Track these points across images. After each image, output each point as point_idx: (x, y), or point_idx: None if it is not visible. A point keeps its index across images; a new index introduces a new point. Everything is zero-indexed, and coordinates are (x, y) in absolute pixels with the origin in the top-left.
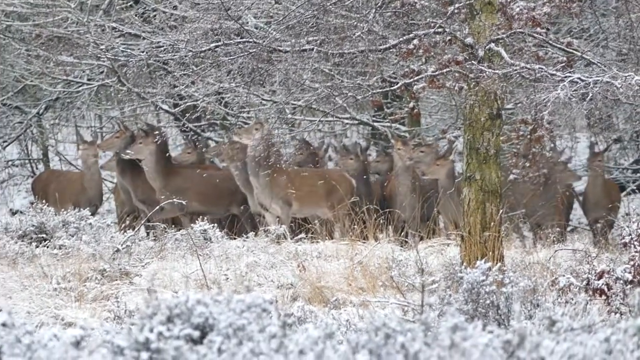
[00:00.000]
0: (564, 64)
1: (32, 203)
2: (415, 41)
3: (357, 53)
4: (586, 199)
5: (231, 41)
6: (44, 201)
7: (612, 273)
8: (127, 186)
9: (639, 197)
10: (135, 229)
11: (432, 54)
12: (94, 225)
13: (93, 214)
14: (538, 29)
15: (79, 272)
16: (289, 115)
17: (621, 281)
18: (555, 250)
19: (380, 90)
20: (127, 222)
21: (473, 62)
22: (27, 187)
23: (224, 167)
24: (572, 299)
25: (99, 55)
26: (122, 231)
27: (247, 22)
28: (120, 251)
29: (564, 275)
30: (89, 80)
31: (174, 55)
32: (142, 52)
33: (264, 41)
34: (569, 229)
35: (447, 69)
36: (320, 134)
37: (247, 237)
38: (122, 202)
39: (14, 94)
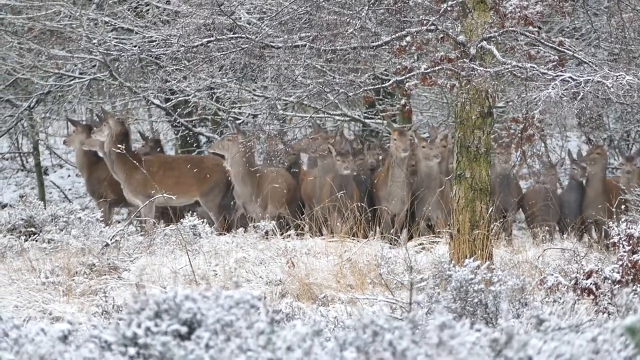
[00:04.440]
0: (555, 63)
1: (21, 197)
2: (408, 38)
3: (349, 50)
4: (584, 198)
5: (224, 36)
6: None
7: (600, 273)
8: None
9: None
10: (127, 224)
11: (425, 51)
12: (83, 219)
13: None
14: (530, 28)
15: (68, 267)
16: (281, 111)
17: (609, 281)
18: (544, 250)
19: (372, 87)
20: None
21: (465, 60)
22: (17, 180)
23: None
24: (560, 298)
25: (91, 49)
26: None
27: (240, 18)
28: (109, 246)
29: (552, 275)
30: (80, 74)
31: (166, 50)
32: (135, 46)
33: (256, 37)
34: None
35: (439, 67)
36: (310, 130)
37: (236, 233)
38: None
39: (6, 87)
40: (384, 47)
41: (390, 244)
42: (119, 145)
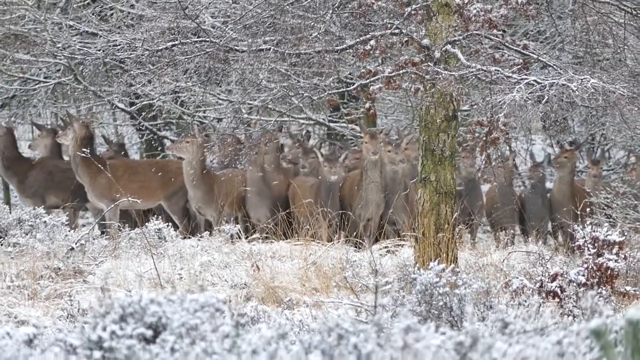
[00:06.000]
0: (520, 67)
1: None
2: (372, 42)
3: (313, 53)
4: (551, 200)
5: (188, 40)
6: None
7: (565, 275)
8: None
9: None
10: (91, 227)
11: (389, 55)
12: (49, 223)
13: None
14: (494, 31)
15: (33, 270)
16: (245, 115)
17: (574, 284)
18: (509, 252)
19: (337, 90)
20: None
21: (429, 63)
22: None
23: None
24: (525, 301)
25: (55, 53)
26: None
27: (204, 22)
28: (75, 249)
29: (517, 277)
30: (45, 78)
31: (131, 54)
32: (99, 50)
33: (220, 41)
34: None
35: (404, 70)
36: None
37: (201, 237)
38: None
39: None
40: (348, 50)
41: (356, 247)
42: (84, 149)
